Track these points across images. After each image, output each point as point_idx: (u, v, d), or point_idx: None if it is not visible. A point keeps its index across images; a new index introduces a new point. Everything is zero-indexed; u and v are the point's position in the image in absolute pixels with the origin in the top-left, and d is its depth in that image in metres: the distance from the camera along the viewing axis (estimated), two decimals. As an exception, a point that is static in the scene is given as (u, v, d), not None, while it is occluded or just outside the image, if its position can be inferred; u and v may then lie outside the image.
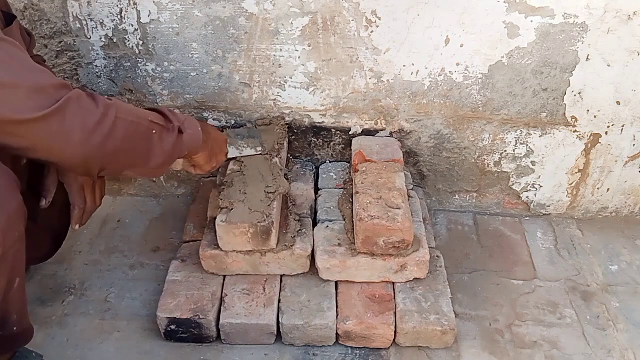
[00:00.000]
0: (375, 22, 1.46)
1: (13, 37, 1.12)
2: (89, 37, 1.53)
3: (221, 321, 1.35)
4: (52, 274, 1.55)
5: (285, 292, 1.40)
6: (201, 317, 1.34)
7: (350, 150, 1.64)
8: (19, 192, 1.02)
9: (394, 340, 1.37)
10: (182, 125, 1.19)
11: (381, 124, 1.64)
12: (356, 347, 1.38)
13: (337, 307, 1.37)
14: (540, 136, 1.63)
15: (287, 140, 1.65)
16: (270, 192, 1.40)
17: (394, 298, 1.39)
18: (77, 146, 0.97)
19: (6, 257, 1.00)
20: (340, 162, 1.72)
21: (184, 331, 1.36)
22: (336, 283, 1.43)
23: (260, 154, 1.51)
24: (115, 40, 1.53)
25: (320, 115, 1.64)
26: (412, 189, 1.60)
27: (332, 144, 1.70)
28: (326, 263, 1.38)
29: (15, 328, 1.15)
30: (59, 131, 0.95)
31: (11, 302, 1.11)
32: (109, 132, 1.01)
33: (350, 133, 1.66)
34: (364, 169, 1.52)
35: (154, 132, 1.11)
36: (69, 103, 0.96)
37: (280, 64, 1.54)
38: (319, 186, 1.63)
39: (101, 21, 1.50)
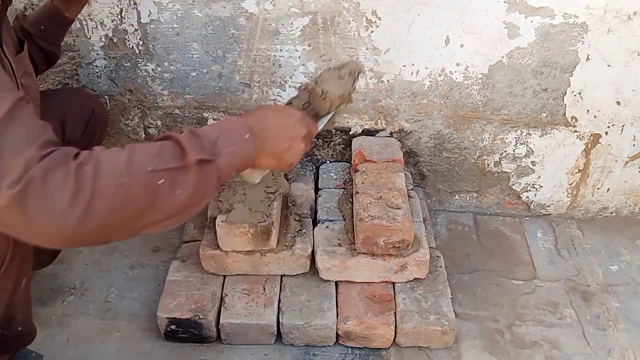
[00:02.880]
0: (375, 22, 1.46)
1: (23, 64, 1.12)
2: (89, 37, 1.53)
3: (221, 321, 1.35)
4: (52, 274, 1.55)
5: (285, 292, 1.40)
6: (201, 317, 1.34)
7: (350, 150, 1.64)
8: None
9: (394, 340, 1.37)
10: (214, 147, 0.87)
11: (381, 124, 1.64)
12: (356, 347, 1.38)
13: (337, 307, 1.37)
14: (540, 136, 1.63)
15: (287, 140, 1.65)
16: (270, 192, 1.40)
17: (394, 298, 1.39)
18: (52, 235, 0.77)
19: (15, 257, 1.01)
20: (340, 162, 1.72)
21: (184, 331, 1.36)
22: (336, 283, 1.42)
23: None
24: (115, 40, 1.53)
25: (320, 115, 1.64)
26: (412, 189, 1.60)
27: (332, 144, 1.70)
28: (326, 263, 1.38)
29: (19, 328, 1.15)
30: (22, 222, 0.75)
31: (17, 301, 1.12)
32: (86, 210, 0.76)
33: (350, 133, 1.66)
34: (364, 169, 1.52)
35: (161, 182, 0.82)
36: (30, 186, 0.74)
37: (280, 64, 1.54)
38: (319, 186, 1.63)
39: (101, 21, 1.50)
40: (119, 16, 1.49)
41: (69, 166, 0.76)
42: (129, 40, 1.53)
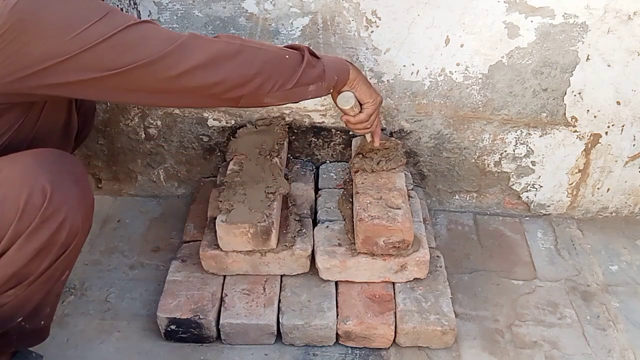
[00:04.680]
0: (375, 22, 1.46)
1: None
2: (89, 37, 1.53)
3: (221, 321, 1.35)
4: (52, 274, 1.55)
5: (285, 292, 1.40)
6: (201, 317, 1.34)
7: (350, 150, 1.64)
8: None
9: (394, 340, 1.37)
10: (319, 55, 1.20)
11: (381, 124, 1.64)
12: (356, 347, 1.38)
13: (337, 307, 1.37)
14: (540, 136, 1.63)
15: (287, 140, 1.65)
16: (270, 192, 1.40)
17: (394, 298, 1.39)
18: (204, 73, 1.03)
19: (77, 245, 1.05)
20: (340, 162, 1.72)
21: (184, 331, 1.36)
22: (336, 283, 1.43)
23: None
24: (115, 40, 1.53)
25: (320, 115, 1.64)
26: (412, 189, 1.60)
27: (332, 144, 1.70)
28: (326, 263, 1.38)
29: (42, 322, 1.17)
30: (184, 60, 1.01)
31: (53, 293, 1.13)
32: (235, 55, 1.06)
33: (350, 133, 1.66)
34: (364, 169, 1.51)
35: (287, 56, 1.13)
36: (191, 36, 1.03)
37: (280, 64, 1.54)
38: (319, 186, 1.63)
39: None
40: (119, 16, 1.49)
41: (219, 34, 1.12)
42: (129, 40, 1.53)
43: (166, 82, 1.01)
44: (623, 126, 1.60)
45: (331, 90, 1.24)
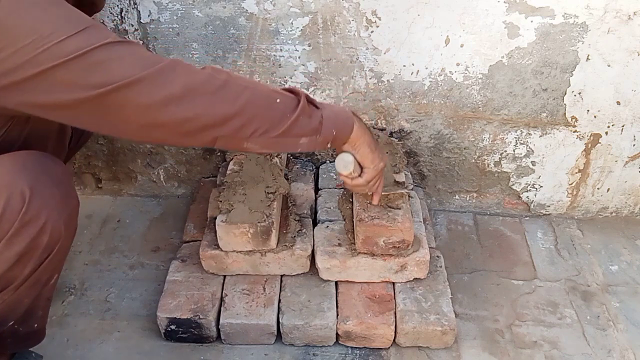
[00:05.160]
0: (375, 22, 1.46)
1: None
2: (89, 37, 1.53)
3: (221, 321, 1.35)
4: (52, 274, 1.55)
5: (285, 292, 1.40)
6: (201, 317, 1.34)
7: (350, 150, 1.64)
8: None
9: (394, 340, 1.37)
10: (320, 104, 1.07)
11: (381, 124, 1.64)
12: (356, 347, 1.38)
13: (337, 307, 1.37)
14: (540, 136, 1.63)
15: (287, 140, 1.65)
16: (270, 192, 1.40)
17: (394, 298, 1.39)
18: (177, 107, 0.91)
19: (61, 249, 1.03)
20: (340, 162, 1.71)
21: (184, 331, 1.36)
22: (336, 283, 1.43)
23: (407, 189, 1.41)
24: (115, 40, 1.53)
25: (320, 115, 1.64)
26: (412, 189, 1.60)
27: (332, 144, 1.69)
28: (326, 263, 1.38)
29: (36, 325, 1.16)
30: (156, 89, 0.89)
31: (43, 297, 1.12)
32: (216, 91, 0.93)
33: (350, 133, 1.66)
34: (364, 169, 1.51)
35: (278, 100, 1.00)
36: (175, 65, 0.92)
37: (280, 64, 1.54)
38: (319, 186, 1.63)
39: (101, 21, 1.50)
40: (119, 16, 1.49)
41: (206, 66, 0.96)
42: (129, 40, 1.53)
43: (136, 111, 0.90)
44: (623, 126, 1.60)
45: (329, 146, 1.10)
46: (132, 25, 1.50)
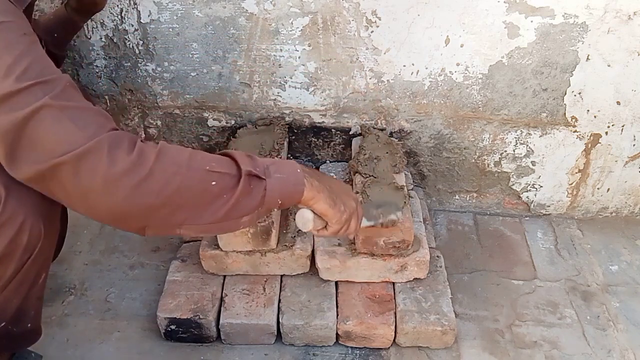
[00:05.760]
0: (375, 22, 1.46)
1: None
2: (89, 37, 1.53)
3: (221, 321, 1.35)
4: (52, 274, 1.55)
5: (285, 292, 1.40)
6: (201, 317, 1.34)
7: (350, 150, 1.64)
8: None
9: (394, 340, 1.37)
10: (266, 169, 0.95)
11: (381, 124, 1.64)
12: (356, 347, 1.38)
13: (337, 307, 1.37)
14: (540, 136, 1.63)
15: (287, 140, 1.65)
16: (270, 192, 1.40)
17: (394, 298, 1.39)
18: (98, 201, 0.84)
19: (43, 249, 1.01)
20: (340, 162, 1.72)
21: (184, 331, 1.36)
22: (336, 283, 1.42)
23: (397, 220, 1.31)
24: (115, 40, 1.53)
25: (320, 115, 1.64)
26: (412, 189, 1.60)
27: (332, 144, 1.70)
28: (326, 263, 1.38)
29: (29, 325, 1.15)
30: (78, 181, 0.82)
31: (32, 297, 1.11)
32: (139, 184, 0.84)
33: (350, 133, 1.66)
34: (364, 169, 1.51)
35: (213, 183, 0.90)
36: (98, 148, 0.82)
37: (280, 64, 1.54)
38: (319, 186, 1.62)
39: (101, 21, 1.50)
40: (119, 16, 1.49)
41: (136, 143, 0.85)
42: (129, 40, 1.53)
43: (64, 196, 0.85)
44: (623, 126, 1.60)
45: (276, 210, 1.02)
46: (132, 25, 1.50)
